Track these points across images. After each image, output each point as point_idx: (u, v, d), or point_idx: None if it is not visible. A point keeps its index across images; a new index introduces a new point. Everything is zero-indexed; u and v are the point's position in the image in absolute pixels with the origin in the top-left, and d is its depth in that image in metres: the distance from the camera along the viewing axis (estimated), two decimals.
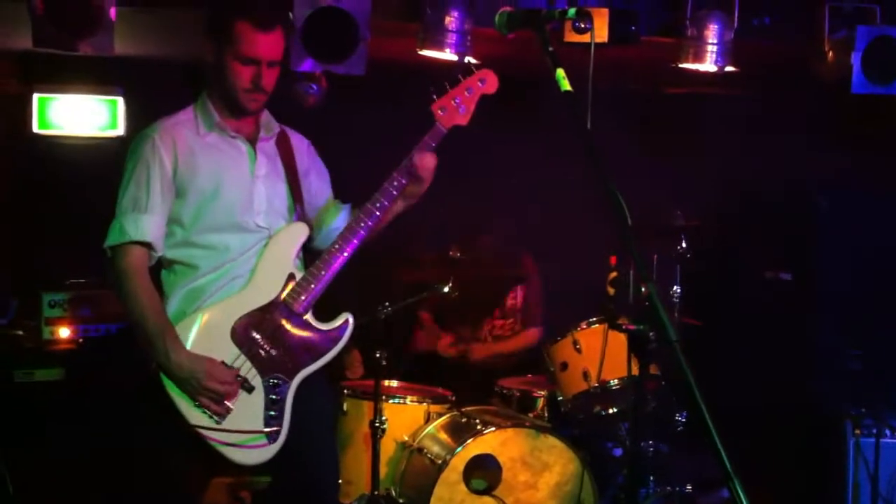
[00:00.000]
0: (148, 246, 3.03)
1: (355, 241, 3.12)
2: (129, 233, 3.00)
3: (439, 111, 3.22)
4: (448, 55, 4.54)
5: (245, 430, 2.98)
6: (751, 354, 5.34)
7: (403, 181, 3.17)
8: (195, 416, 2.97)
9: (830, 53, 4.75)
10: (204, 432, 2.95)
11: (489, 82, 3.28)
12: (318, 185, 3.37)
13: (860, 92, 4.65)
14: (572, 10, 2.72)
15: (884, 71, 4.66)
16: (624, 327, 3.63)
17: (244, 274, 3.10)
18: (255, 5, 3.10)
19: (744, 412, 5.20)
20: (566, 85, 2.50)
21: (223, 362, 3.00)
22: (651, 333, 2.74)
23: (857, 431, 4.44)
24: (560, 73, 2.51)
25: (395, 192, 3.16)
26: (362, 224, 3.13)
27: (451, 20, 4.59)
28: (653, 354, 2.75)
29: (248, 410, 3.01)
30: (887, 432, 4.42)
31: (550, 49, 2.52)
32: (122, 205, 3.04)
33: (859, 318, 5.31)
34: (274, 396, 3.05)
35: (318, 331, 3.13)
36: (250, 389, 3.02)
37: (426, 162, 3.17)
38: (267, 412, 3.04)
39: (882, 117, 5.22)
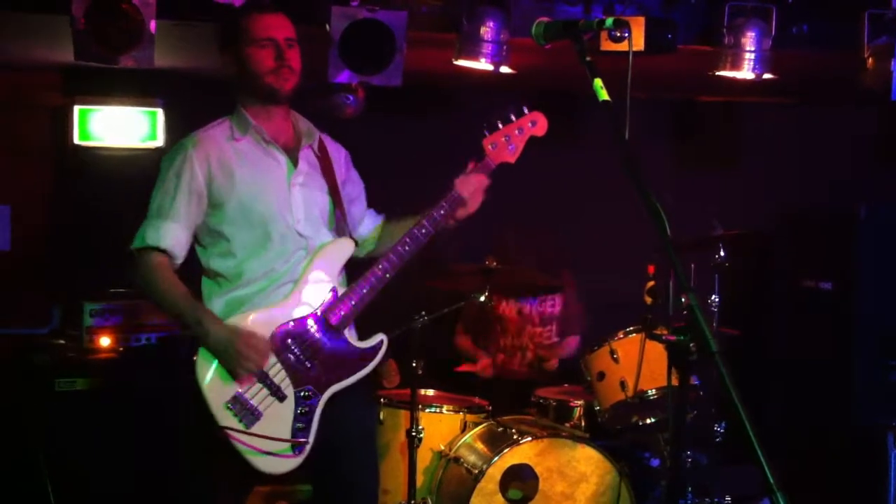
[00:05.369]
0: (166, 253, 3.07)
1: (398, 262, 3.14)
2: (148, 238, 3.06)
3: (490, 146, 3.30)
4: (484, 65, 4.56)
5: (273, 437, 2.99)
6: (789, 365, 5.30)
7: (447, 207, 3.20)
8: (225, 417, 2.98)
9: (871, 61, 4.71)
10: (232, 434, 2.95)
11: (540, 124, 3.36)
12: (354, 195, 3.39)
13: None
14: (610, 20, 2.72)
15: None
16: (664, 337, 3.60)
17: (287, 284, 3.10)
18: (258, 4, 3.22)
19: (783, 424, 5.17)
20: (604, 95, 2.50)
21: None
22: (691, 344, 2.71)
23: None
24: (598, 83, 2.51)
25: (439, 220, 3.19)
26: (406, 247, 3.15)
27: (486, 30, 4.60)
28: (693, 365, 2.73)
29: (277, 419, 3.02)
30: None
31: (588, 59, 2.52)
32: (150, 211, 3.11)
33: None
34: (304, 408, 3.05)
35: (353, 348, 3.14)
36: (282, 398, 3.03)
37: (470, 186, 3.21)
38: (295, 423, 3.04)
39: None
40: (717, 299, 4.42)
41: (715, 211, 4.70)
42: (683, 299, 2.34)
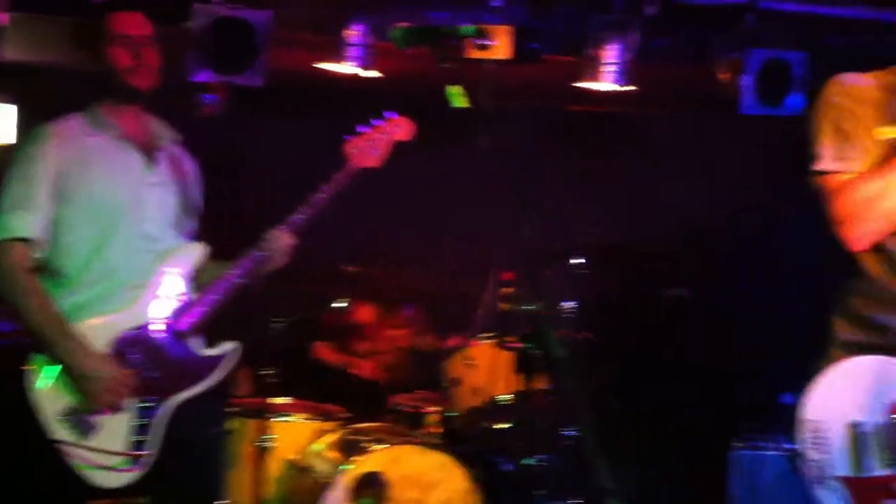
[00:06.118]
0: (31, 244, 2.94)
1: (252, 268, 3.10)
2: (11, 229, 2.93)
3: (353, 151, 3.27)
4: (349, 68, 4.54)
5: (110, 451, 2.90)
6: (645, 368, 5.43)
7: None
8: (59, 429, 2.87)
9: (723, 75, 4.87)
10: (65, 447, 2.86)
11: (404, 129, 3.36)
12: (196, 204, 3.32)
13: (750, 113, 4.78)
14: (471, 28, 2.72)
15: (774, 92, 4.79)
16: (510, 345, 3.69)
17: (133, 289, 3.02)
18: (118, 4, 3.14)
19: (635, 425, 5.29)
20: (461, 101, 2.49)
21: None
22: (538, 352, 2.76)
23: (739, 444, 4.52)
24: (454, 89, 2.51)
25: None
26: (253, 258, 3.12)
27: (353, 34, 4.59)
28: (539, 372, 2.78)
29: (115, 431, 2.92)
30: (768, 445, 4.50)
31: (446, 65, 2.53)
32: (5, 202, 2.96)
33: (753, 332, 5.43)
34: (144, 419, 2.97)
35: (201, 356, 3.07)
36: (121, 409, 2.95)
37: (281, 244, 3.17)
38: (135, 435, 2.95)
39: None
40: (573, 305, 4.50)
41: (576, 216, 4.79)
42: (533, 307, 2.38)
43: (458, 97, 2.42)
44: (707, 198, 5.61)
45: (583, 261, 4.65)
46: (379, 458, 3.96)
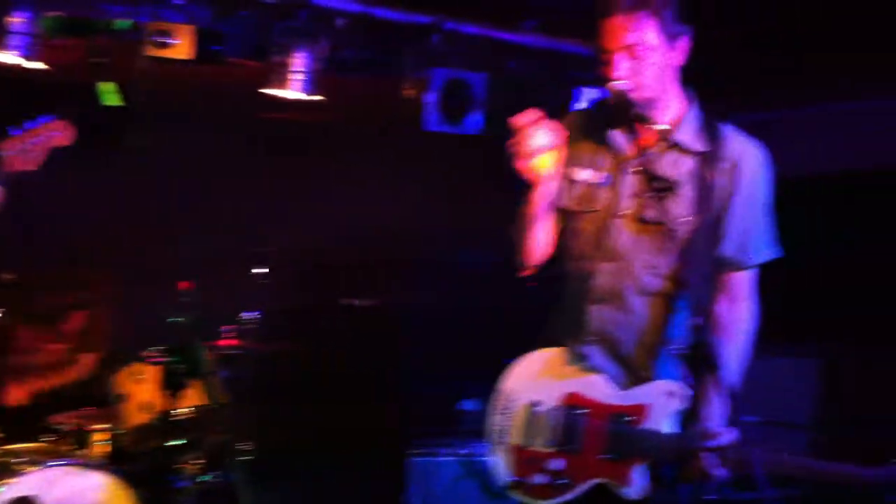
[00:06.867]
0: None
1: None
2: None
3: (8, 153, 3.11)
4: (10, 58, 4.17)
5: None
6: (327, 378, 5.43)
7: None
8: None
9: (408, 91, 4.98)
10: None
11: (63, 134, 3.20)
12: None
13: (434, 130, 4.92)
14: (126, 22, 2.60)
15: (456, 111, 4.97)
16: (153, 360, 3.61)
17: None
18: None
19: (315, 436, 5.27)
20: (113, 99, 2.37)
21: None
22: (183, 366, 2.67)
23: (415, 451, 4.60)
24: (106, 87, 2.38)
25: None
26: None
27: (16, 21, 4.22)
28: (184, 387, 2.68)
29: None
30: (443, 451, 4.62)
31: (99, 61, 2.38)
32: None
33: (433, 340, 5.58)
34: None
35: None
36: None
37: None
38: None
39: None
40: (256, 315, 4.44)
41: (265, 225, 4.70)
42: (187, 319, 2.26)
43: (110, 95, 2.30)
44: (394, 209, 5.72)
45: (266, 270, 4.60)
46: (32, 482, 3.65)
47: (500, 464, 2.63)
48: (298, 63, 4.80)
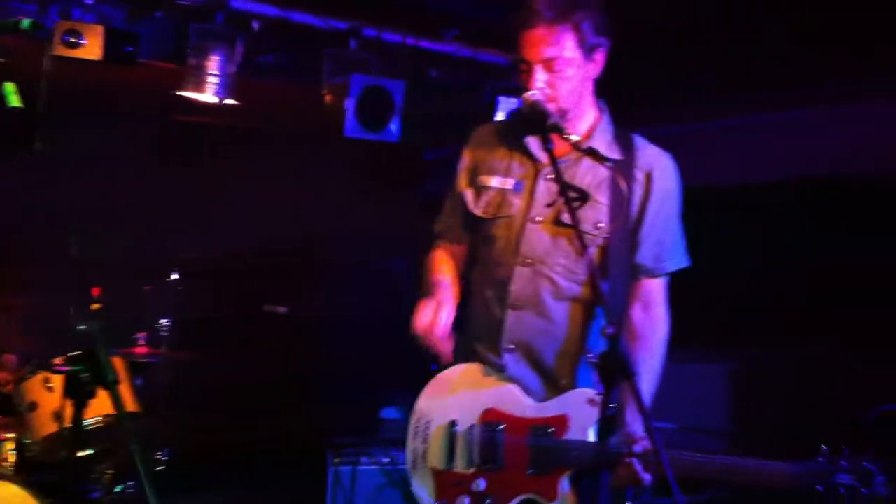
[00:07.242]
0: None
1: None
2: None
3: None
4: None
5: None
6: (246, 386, 5.36)
7: None
8: None
9: (328, 97, 4.94)
10: None
11: None
12: None
13: (353, 136, 4.89)
14: (27, 21, 2.52)
15: (375, 118, 4.94)
16: (55, 368, 3.52)
17: None
18: None
19: (234, 445, 5.20)
20: (15, 101, 2.30)
21: None
22: (88, 374, 2.60)
23: (337, 460, 4.57)
24: (8, 87, 2.31)
25: None
26: None
27: None
28: (88, 396, 2.61)
29: None
30: (364, 459, 4.59)
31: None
32: None
33: (353, 348, 5.55)
34: None
35: None
36: None
37: None
38: None
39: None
40: (167, 322, 4.38)
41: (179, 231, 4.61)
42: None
43: (11, 96, 2.23)
44: (312, 214, 5.67)
45: (178, 277, 4.53)
46: None
47: (422, 489, 2.55)
48: (214, 66, 4.73)
